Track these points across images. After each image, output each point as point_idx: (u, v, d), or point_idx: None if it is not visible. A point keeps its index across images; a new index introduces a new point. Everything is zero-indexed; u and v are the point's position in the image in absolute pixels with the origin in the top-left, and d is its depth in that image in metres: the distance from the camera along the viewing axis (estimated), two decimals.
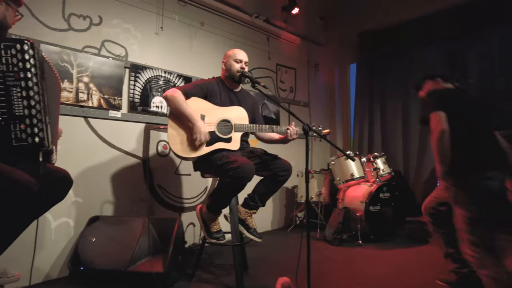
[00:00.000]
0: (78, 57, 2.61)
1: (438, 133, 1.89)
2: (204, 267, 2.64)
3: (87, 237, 2.31)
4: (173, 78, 3.22)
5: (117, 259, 2.20)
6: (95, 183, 2.67)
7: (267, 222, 4.14)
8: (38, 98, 1.43)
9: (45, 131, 1.45)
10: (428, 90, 2.25)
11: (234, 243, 2.20)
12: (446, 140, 1.89)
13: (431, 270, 2.47)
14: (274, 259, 2.90)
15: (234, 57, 2.38)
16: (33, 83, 1.42)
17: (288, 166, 2.29)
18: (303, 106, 4.80)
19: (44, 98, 1.48)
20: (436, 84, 2.26)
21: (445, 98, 2.05)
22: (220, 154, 2.16)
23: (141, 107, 2.98)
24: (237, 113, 2.32)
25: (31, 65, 1.42)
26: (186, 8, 3.41)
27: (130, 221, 2.47)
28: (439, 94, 2.12)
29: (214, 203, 2.17)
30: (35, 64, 1.43)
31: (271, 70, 4.37)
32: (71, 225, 2.52)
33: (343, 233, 3.40)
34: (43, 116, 1.45)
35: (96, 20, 2.76)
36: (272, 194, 2.37)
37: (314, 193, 3.86)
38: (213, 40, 3.64)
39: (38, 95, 1.43)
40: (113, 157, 2.80)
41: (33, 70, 1.42)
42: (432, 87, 2.26)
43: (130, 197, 2.86)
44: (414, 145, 4.68)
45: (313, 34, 5.06)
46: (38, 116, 1.42)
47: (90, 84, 2.67)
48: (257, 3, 4.13)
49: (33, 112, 1.41)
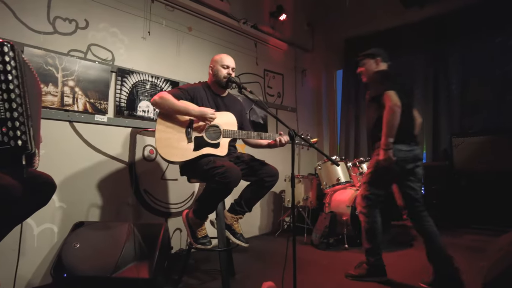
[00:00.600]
0: (64, 60, 2.58)
1: (394, 108, 2.20)
2: (190, 272, 2.62)
3: (71, 243, 2.27)
4: (160, 83, 3.21)
5: (101, 265, 2.17)
6: (80, 188, 2.63)
7: (255, 227, 4.14)
8: (19, 101, 1.41)
9: (28, 133, 1.43)
10: (373, 69, 2.54)
11: (220, 249, 2.20)
12: (398, 115, 2.22)
13: (415, 274, 2.52)
14: (261, 264, 2.91)
15: (221, 62, 2.39)
16: (14, 85, 1.40)
17: (275, 171, 2.30)
18: (291, 111, 4.85)
19: (26, 100, 1.46)
20: (376, 63, 2.55)
21: (394, 79, 2.38)
22: (207, 159, 2.16)
23: (127, 112, 2.96)
24: (226, 119, 2.33)
25: (11, 67, 1.40)
26: (173, 13, 3.41)
27: (115, 226, 2.44)
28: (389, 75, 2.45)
29: (201, 208, 2.17)
30: (16, 66, 1.41)
31: (258, 75, 4.40)
32: (55, 231, 2.48)
33: (330, 237, 3.42)
34: (25, 119, 1.43)
35: (83, 24, 2.74)
36: (258, 200, 2.38)
37: (301, 197, 3.88)
38: (201, 45, 3.65)
39: (20, 97, 1.41)
40: (98, 162, 2.77)
41: (14, 72, 1.40)
42: (374, 66, 2.56)
43: (116, 203, 2.83)
44: None
45: (300, 40, 5.12)
46: (20, 119, 1.40)
47: (76, 88, 2.64)
48: (244, 9, 4.16)
49: (15, 115, 1.39)
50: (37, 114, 1.65)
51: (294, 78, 5.01)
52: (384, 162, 2.27)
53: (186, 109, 2.18)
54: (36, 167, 1.65)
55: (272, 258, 3.08)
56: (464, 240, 3.60)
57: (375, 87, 2.45)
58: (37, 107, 1.71)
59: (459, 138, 4.05)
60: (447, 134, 4.34)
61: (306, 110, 5.19)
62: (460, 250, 3.19)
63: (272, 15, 4.53)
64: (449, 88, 4.41)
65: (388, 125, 2.23)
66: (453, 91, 4.37)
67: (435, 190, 4.08)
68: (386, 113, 2.23)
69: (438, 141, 4.47)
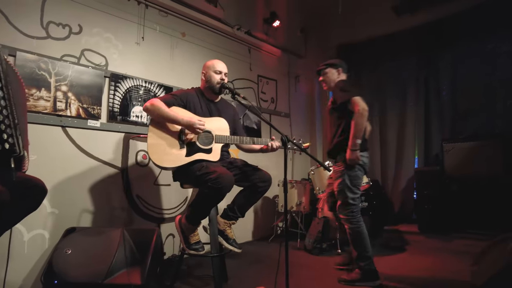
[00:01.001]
0: (57, 65, 2.58)
1: (363, 112, 2.43)
2: (183, 278, 2.61)
3: (63, 249, 2.24)
4: (154, 88, 3.21)
5: (93, 271, 2.15)
6: (72, 194, 2.61)
7: (248, 232, 4.14)
8: (4, 103, 1.40)
9: (15, 136, 1.42)
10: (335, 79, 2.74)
11: (213, 254, 2.20)
12: (366, 118, 2.45)
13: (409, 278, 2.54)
14: (254, 269, 2.90)
15: (214, 68, 2.40)
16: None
17: (268, 177, 2.31)
18: (284, 116, 4.87)
19: (11, 103, 1.45)
20: (338, 73, 2.76)
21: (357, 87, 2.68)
22: (199, 164, 2.17)
23: (120, 117, 2.95)
24: (218, 124, 2.34)
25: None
26: (167, 18, 3.43)
27: (107, 232, 2.42)
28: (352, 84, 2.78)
29: (193, 214, 2.17)
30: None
31: (252, 81, 4.42)
32: (46, 237, 2.45)
33: (323, 242, 3.43)
34: (11, 121, 1.41)
35: (76, 29, 2.74)
36: (251, 205, 2.38)
37: (295, 202, 3.89)
38: (194, 51, 3.67)
39: (5, 100, 1.40)
40: (91, 167, 2.76)
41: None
42: (336, 75, 2.76)
43: (109, 208, 2.82)
44: (391, 155, 4.83)
45: (293, 46, 5.17)
46: (6, 122, 1.39)
47: (69, 93, 2.63)
48: (238, 15, 4.19)
49: (0, 118, 1.38)
50: (23, 117, 1.63)
51: (287, 84, 5.04)
52: (351, 162, 2.47)
53: (176, 118, 2.17)
54: (26, 170, 1.63)
55: (265, 263, 3.08)
56: (455, 244, 3.63)
57: (340, 94, 2.61)
58: (23, 109, 1.69)
59: (450, 143, 4.10)
60: (439, 139, 4.40)
61: (300, 115, 5.23)
62: (451, 254, 3.22)
63: (266, 22, 4.58)
64: (440, 94, 4.48)
65: (357, 128, 2.43)
66: (444, 97, 4.44)
67: (427, 195, 4.12)
68: (356, 117, 2.44)
69: (429, 146, 4.54)
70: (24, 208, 1.55)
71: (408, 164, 4.64)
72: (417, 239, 3.90)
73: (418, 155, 4.63)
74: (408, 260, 3.09)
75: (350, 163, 2.49)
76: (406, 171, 4.63)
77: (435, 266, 2.88)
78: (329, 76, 2.77)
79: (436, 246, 3.60)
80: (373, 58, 5.06)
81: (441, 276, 2.63)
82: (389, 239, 3.75)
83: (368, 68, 5.12)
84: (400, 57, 4.81)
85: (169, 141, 2.20)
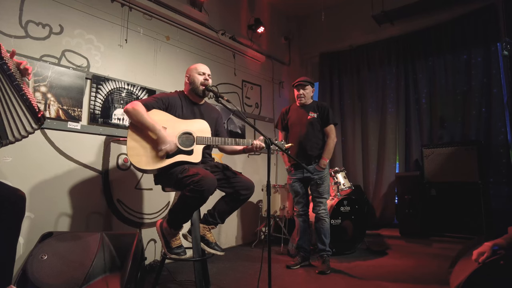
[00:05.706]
0: (36, 65, 2.51)
1: (335, 140, 3.13)
2: (164, 284, 2.56)
3: (38, 255, 2.16)
4: (136, 91, 3.18)
5: (69, 278, 2.07)
6: (50, 198, 2.53)
7: (232, 237, 4.11)
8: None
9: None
10: (311, 95, 3.23)
11: (195, 258, 2.17)
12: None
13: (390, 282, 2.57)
14: (237, 275, 2.88)
15: (197, 70, 2.40)
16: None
17: (250, 184, 2.30)
18: (268, 121, 4.90)
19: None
20: (312, 92, 3.24)
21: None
22: (181, 167, 2.14)
23: (102, 119, 2.90)
24: (199, 126, 2.32)
25: None
26: (151, 22, 3.41)
27: (85, 237, 2.35)
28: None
29: (175, 217, 2.13)
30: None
31: (237, 86, 4.43)
32: (20, 243, 2.36)
33: None
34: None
35: (57, 29, 2.69)
36: (232, 212, 2.36)
37: (278, 207, 3.90)
38: (178, 54, 3.65)
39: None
40: (70, 170, 2.69)
41: None
42: (311, 93, 3.23)
43: (87, 212, 2.74)
44: (373, 161, 4.91)
45: (277, 53, 5.23)
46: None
47: (48, 94, 2.57)
48: (223, 21, 4.22)
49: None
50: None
51: (271, 89, 5.08)
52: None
53: (153, 127, 2.13)
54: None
55: (248, 268, 3.06)
56: (434, 248, 3.71)
57: (318, 111, 3.14)
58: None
59: (429, 149, 4.20)
60: (418, 145, 4.51)
61: None
62: (431, 258, 3.29)
63: (250, 28, 4.62)
64: (419, 102, 4.60)
65: (330, 151, 3.09)
66: (423, 104, 4.56)
67: (408, 200, 4.20)
68: (332, 142, 3.09)
69: (410, 152, 4.64)
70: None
71: (389, 170, 4.73)
72: (398, 243, 3.97)
73: (399, 160, 4.73)
74: (390, 264, 3.13)
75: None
76: (387, 176, 4.72)
77: (415, 270, 2.93)
78: (308, 92, 3.19)
79: (416, 250, 3.67)
80: (354, 66, 5.18)
81: (422, 278, 2.68)
82: (371, 243, 3.79)
83: (350, 76, 5.22)
84: (381, 65, 4.94)
85: (149, 143, 2.17)
